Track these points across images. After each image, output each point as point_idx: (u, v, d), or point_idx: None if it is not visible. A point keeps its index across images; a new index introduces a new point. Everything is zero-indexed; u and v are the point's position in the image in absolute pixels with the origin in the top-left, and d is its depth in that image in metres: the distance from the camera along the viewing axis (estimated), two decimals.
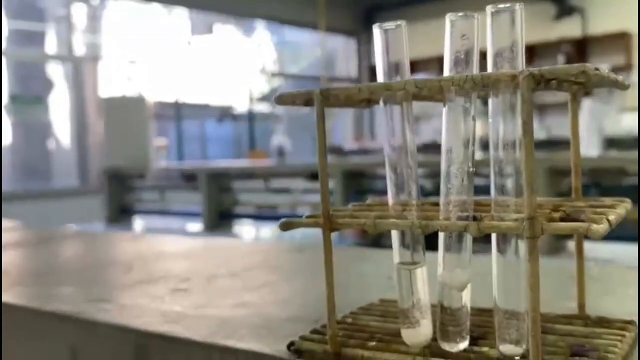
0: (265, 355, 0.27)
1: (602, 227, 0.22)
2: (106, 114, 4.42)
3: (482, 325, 0.25)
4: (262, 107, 8.58)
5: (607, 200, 0.26)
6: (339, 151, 6.44)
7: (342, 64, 8.92)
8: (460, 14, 0.26)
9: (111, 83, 6.15)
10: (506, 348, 0.23)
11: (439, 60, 7.74)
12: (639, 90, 3.24)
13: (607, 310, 0.27)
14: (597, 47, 6.87)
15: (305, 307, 0.31)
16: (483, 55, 0.27)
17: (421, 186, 0.29)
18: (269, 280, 0.41)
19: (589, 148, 2.57)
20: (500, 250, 0.24)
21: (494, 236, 0.24)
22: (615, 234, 0.29)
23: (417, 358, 0.24)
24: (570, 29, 6.92)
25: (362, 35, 8.73)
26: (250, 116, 8.00)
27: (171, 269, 0.45)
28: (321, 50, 7.88)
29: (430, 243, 0.25)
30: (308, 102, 0.28)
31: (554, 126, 6.43)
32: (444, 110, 0.27)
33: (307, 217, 0.27)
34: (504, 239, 0.23)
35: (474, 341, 0.24)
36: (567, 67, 0.22)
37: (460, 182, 0.25)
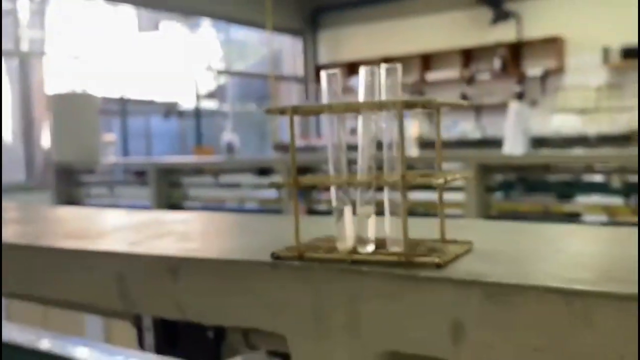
0: (258, 261, 0.45)
1: (441, 181, 0.40)
2: (54, 110, 4.47)
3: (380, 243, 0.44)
4: (209, 104, 8.65)
5: (457, 173, 0.44)
6: (286, 148, 6.62)
7: (288, 63, 9.08)
8: (368, 68, 0.44)
9: (57, 79, 6.15)
10: (393, 248, 0.42)
11: (382, 61, 7.96)
12: (638, 89, 3.37)
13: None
14: (531, 51, 7.22)
15: (267, 246, 0.47)
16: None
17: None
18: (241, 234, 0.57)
19: (515, 147, 2.81)
20: (390, 197, 0.42)
21: (386, 190, 0.43)
22: None
23: (346, 256, 0.42)
24: (506, 33, 7.26)
25: (308, 35, 8.89)
26: (197, 113, 8.06)
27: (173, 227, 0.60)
28: (268, 49, 8.04)
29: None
30: (283, 112, 0.45)
31: (489, 126, 6.78)
32: (359, 120, 0.44)
33: (280, 182, 0.44)
34: (391, 191, 0.42)
35: (377, 247, 0.43)
36: (423, 99, 0.41)
37: (367, 163, 0.44)
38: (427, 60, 7.88)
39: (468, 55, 7.62)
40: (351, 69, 8.33)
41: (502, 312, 0.35)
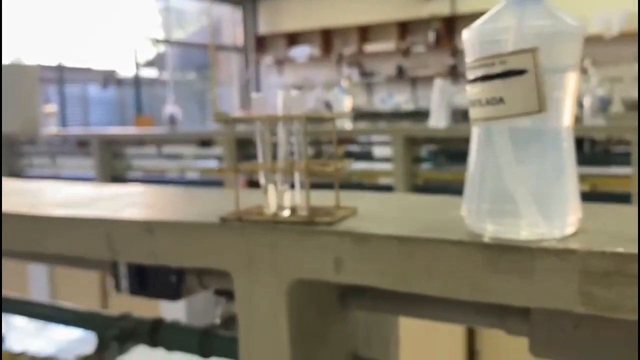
0: (210, 222, 0.66)
1: (332, 169, 0.62)
2: None
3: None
4: (149, 73, 8.66)
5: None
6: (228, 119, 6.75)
7: (228, 32, 9.14)
8: (283, 92, 0.65)
9: None
10: (301, 213, 0.64)
11: (321, 33, 8.13)
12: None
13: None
14: (464, 25, 7.46)
15: (216, 211, 0.68)
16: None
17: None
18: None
19: (439, 120, 3.08)
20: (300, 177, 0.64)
21: (296, 173, 0.64)
22: None
23: (269, 218, 0.64)
24: (440, 7, 7.53)
25: (248, 5, 8.96)
26: (137, 81, 8.07)
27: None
28: (208, 18, 8.09)
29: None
30: (225, 120, 0.66)
31: (423, 98, 7.09)
32: (279, 127, 0.65)
33: (222, 168, 0.65)
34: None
35: (292, 212, 0.65)
36: (321, 115, 0.62)
37: (284, 156, 0.65)
38: (365, 32, 8.09)
39: (404, 28, 7.87)
40: (291, 39, 8.48)
41: (363, 250, 0.57)
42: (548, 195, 0.53)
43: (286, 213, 0.65)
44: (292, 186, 0.65)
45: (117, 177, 4.25)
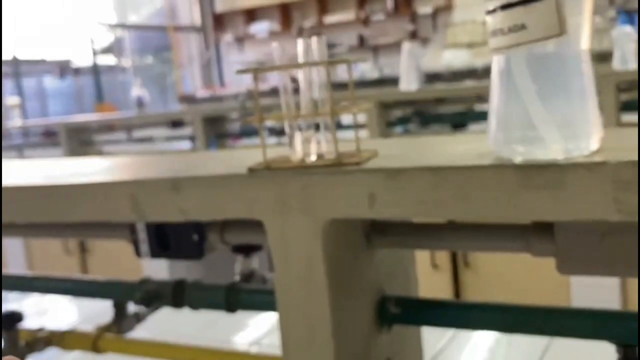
0: (239, 174, 0.67)
1: (355, 110, 0.64)
2: None
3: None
4: (106, 60, 8.52)
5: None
6: (191, 99, 6.72)
7: (185, 12, 9.02)
8: (304, 39, 0.66)
9: None
10: (329, 156, 0.66)
11: (279, 7, 8.06)
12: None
13: None
14: None
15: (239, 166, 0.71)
16: None
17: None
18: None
19: (410, 84, 3.10)
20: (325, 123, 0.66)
21: (321, 120, 0.66)
22: None
23: (296, 164, 0.65)
24: None
25: None
26: (95, 69, 7.94)
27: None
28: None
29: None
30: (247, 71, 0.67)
31: (386, 65, 7.12)
32: (300, 74, 0.67)
33: (248, 119, 0.66)
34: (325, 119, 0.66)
35: (318, 158, 0.67)
36: (342, 59, 0.64)
37: (307, 102, 0.67)
38: (324, 4, 8.06)
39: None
40: (249, 15, 8.41)
41: (396, 184, 0.59)
42: (573, 117, 0.56)
43: (313, 158, 0.66)
44: (317, 130, 0.67)
45: None
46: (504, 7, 0.56)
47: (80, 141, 4.21)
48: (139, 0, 9.05)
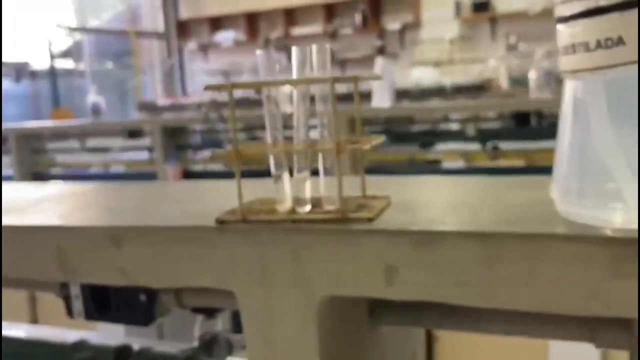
0: (204, 226, 0.49)
1: (368, 146, 0.47)
2: None
3: (318, 202, 0.50)
4: (64, 64, 8.22)
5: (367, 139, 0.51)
6: (151, 107, 6.46)
7: (147, 18, 8.76)
8: (299, 48, 0.49)
9: None
10: (328, 207, 0.48)
11: (246, 17, 7.89)
12: None
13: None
14: (390, 6, 7.47)
15: (202, 212, 0.52)
16: None
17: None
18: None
19: (383, 100, 2.95)
20: (324, 161, 0.48)
21: (320, 155, 0.48)
22: None
23: (287, 216, 0.48)
24: None
25: None
26: (53, 73, 7.63)
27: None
28: (125, 3, 7.71)
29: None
30: (221, 88, 0.49)
31: None
32: (294, 94, 0.49)
33: (219, 153, 0.48)
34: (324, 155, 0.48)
35: (313, 206, 0.49)
36: (350, 76, 0.47)
37: (303, 133, 0.49)
38: (291, 15, 7.91)
39: (330, 10, 7.74)
40: (215, 24, 8.20)
41: (429, 254, 0.42)
42: None
43: (307, 208, 0.49)
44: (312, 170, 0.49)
45: (39, 174, 3.95)
46: (590, 13, 0.40)
47: (31, 149, 3.95)
48: (99, 3, 8.76)
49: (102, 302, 0.66)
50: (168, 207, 0.61)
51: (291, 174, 0.49)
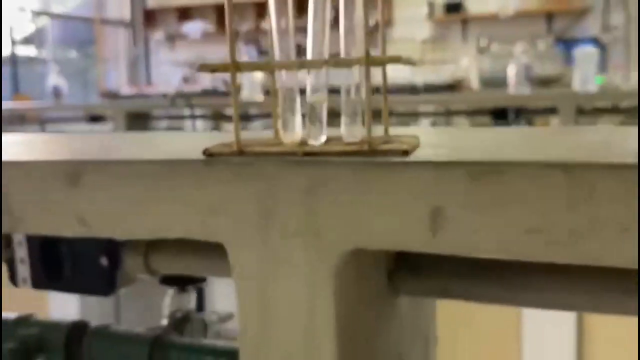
0: (186, 160, 0.38)
1: (409, 59, 0.37)
2: None
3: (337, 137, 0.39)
4: (26, 50, 7.96)
5: None
6: (114, 96, 6.26)
7: (114, 6, 8.53)
8: None
9: None
10: (349, 139, 0.37)
11: (215, 8, 7.75)
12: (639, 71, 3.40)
13: None
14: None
15: (189, 151, 0.41)
16: None
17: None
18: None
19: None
20: (347, 86, 0.38)
21: (342, 77, 0.38)
22: None
23: (295, 147, 0.37)
24: None
25: None
26: (14, 59, 7.38)
27: None
28: None
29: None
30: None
31: (330, 74, 6.87)
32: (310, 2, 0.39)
33: (218, 65, 0.38)
34: (347, 78, 0.38)
35: (329, 140, 0.38)
36: None
37: (319, 48, 0.39)
38: (262, 8, 7.78)
39: (301, 5, 7.63)
40: (183, 14, 8.03)
41: (490, 192, 0.32)
42: None
43: (323, 138, 0.38)
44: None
45: None
46: None
47: None
48: None
49: (53, 267, 0.54)
50: (138, 147, 0.50)
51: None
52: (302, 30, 0.42)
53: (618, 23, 5.84)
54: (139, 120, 3.57)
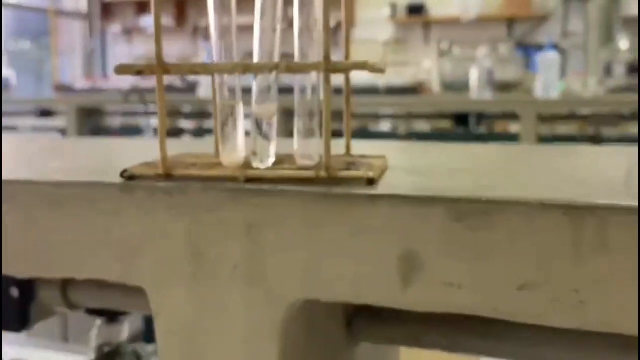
0: (97, 183, 0.31)
1: (379, 66, 0.30)
2: None
3: (286, 159, 0.33)
4: None
5: None
6: (68, 90, 6.07)
7: None
8: None
9: None
10: (302, 162, 0.30)
11: (174, 2, 7.62)
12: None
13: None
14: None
15: (104, 168, 0.34)
16: None
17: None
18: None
19: None
20: (301, 90, 0.31)
21: (297, 81, 0.31)
22: None
23: (236, 171, 0.30)
24: None
25: None
26: None
27: None
28: None
29: None
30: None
31: (286, 76, 6.78)
32: None
33: (143, 66, 0.31)
34: (304, 88, 0.31)
35: (277, 163, 0.31)
36: None
37: (268, 49, 0.32)
38: None
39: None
40: (141, 7, 7.86)
41: (476, 236, 0.25)
42: None
43: (270, 161, 0.31)
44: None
45: None
46: None
47: None
48: None
49: None
50: (57, 160, 0.42)
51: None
52: (250, 29, 0.35)
53: (577, 29, 5.91)
54: (91, 116, 3.45)
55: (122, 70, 0.29)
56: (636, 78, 3.29)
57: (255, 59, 0.31)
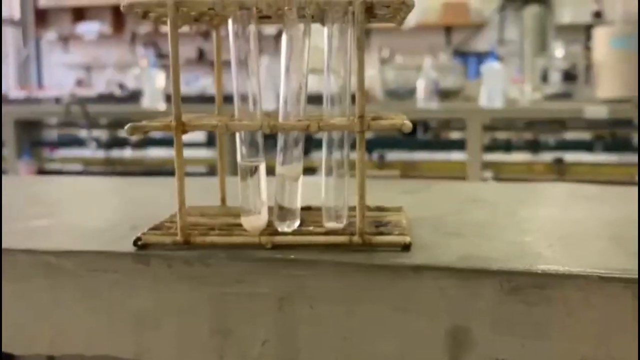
0: (109, 253, 0.28)
1: (409, 123, 0.28)
2: None
3: (310, 217, 0.31)
4: None
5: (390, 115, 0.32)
6: (2, 99, 5.84)
7: (2, 4, 8.00)
8: None
9: None
10: (330, 224, 0.29)
11: (111, 9, 7.46)
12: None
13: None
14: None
15: (118, 219, 0.32)
16: None
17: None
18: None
19: (268, 102, 2.77)
20: (330, 151, 0.29)
21: (324, 139, 0.29)
22: None
23: (262, 238, 0.28)
24: None
25: None
26: None
27: None
28: None
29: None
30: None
31: (227, 82, 6.70)
32: (284, 33, 0.31)
33: (158, 121, 0.28)
34: (332, 141, 0.29)
35: (302, 223, 0.29)
36: None
37: (297, 93, 0.30)
38: None
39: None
40: (77, 14, 7.66)
41: (531, 310, 0.24)
42: None
43: (295, 224, 0.29)
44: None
45: None
46: None
47: None
48: None
49: None
50: (44, 216, 0.39)
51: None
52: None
53: (513, 37, 6.07)
54: (30, 129, 3.32)
55: (134, 130, 0.27)
56: (571, 85, 3.39)
57: (281, 117, 0.29)
